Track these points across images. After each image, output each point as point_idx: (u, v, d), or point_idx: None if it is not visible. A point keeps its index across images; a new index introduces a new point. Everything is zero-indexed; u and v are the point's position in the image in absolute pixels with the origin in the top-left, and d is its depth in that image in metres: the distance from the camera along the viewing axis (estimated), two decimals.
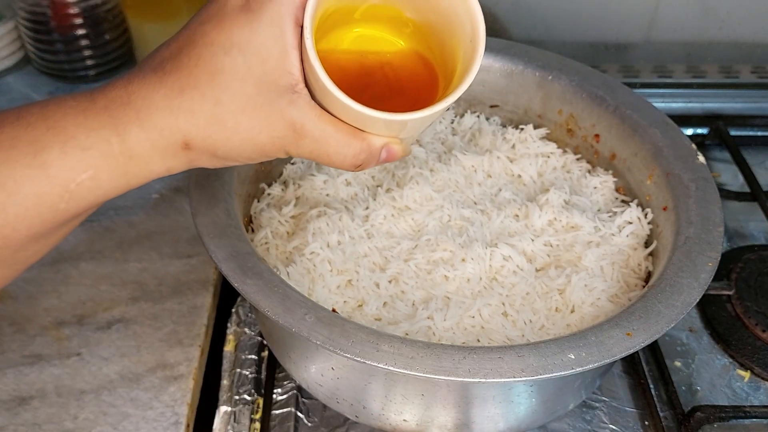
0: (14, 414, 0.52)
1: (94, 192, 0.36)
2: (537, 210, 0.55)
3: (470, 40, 0.38)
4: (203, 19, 0.36)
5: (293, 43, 0.35)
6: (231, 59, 0.35)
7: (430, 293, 0.50)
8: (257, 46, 0.35)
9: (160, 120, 0.35)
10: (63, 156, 0.34)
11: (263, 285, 0.43)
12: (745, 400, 0.57)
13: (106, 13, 0.81)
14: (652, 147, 0.56)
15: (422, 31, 0.41)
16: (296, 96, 0.36)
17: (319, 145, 0.37)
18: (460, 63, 0.39)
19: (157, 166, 0.37)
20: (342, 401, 0.49)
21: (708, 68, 0.88)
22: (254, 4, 0.35)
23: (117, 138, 0.35)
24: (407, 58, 0.42)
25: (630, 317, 0.43)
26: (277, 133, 0.36)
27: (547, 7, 0.83)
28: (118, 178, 0.36)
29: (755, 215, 0.71)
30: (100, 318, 0.59)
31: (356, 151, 0.38)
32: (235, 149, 0.37)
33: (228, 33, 0.35)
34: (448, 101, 0.36)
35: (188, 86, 0.35)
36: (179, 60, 0.35)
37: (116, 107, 0.35)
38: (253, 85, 0.35)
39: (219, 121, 0.36)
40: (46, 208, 0.35)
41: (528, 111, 0.65)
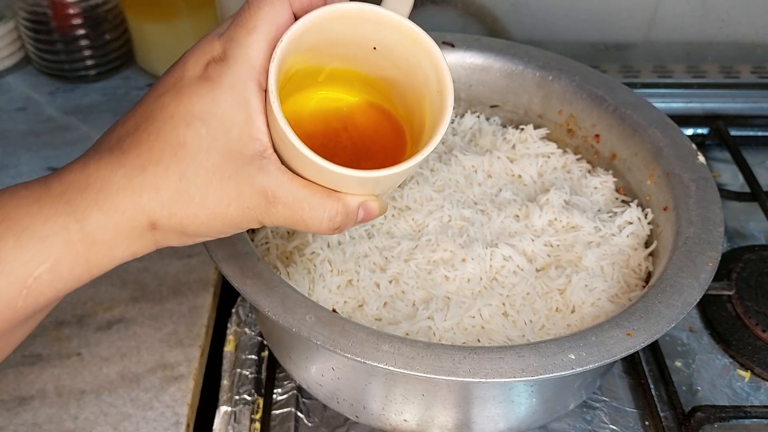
0: (14, 414, 0.52)
1: (54, 285, 0.34)
2: (537, 210, 0.55)
3: (437, 91, 0.37)
4: (160, 92, 0.34)
5: (258, 107, 0.34)
6: (193, 131, 0.33)
7: (430, 293, 0.50)
8: (220, 115, 0.33)
9: (122, 201, 0.33)
10: (18, 249, 0.32)
11: (263, 285, 0.43)
12: (745, 400, 0.57)
13: (107, 13, 0.81)
14: (653, 147, 0.56)
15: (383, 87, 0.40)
16: (265, 162, 0.34)
17: (294, 211, 0.35)
18: (428, 115, 0.38)
19: (120, 251, 0.35)
20: (342, 401, 0.49)
21: (708, 68, 0.88)
22: (213, 72, 0.34)
23: (76, 224, 0.33)
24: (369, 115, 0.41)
25: (630, 317, 0.43)
26: (247, 203, 0.34)
27: (547, 7, 0.83)
28: (79, 268, 0.34)
29: (755, 215, 0.71)
30: (100, 318, 0.59)
31: (332, 214, 0.36)
32: (205, 225, 0.35)
33: (188, 104, 0.33)
34: (423, 154, 0.35)
35: (150, 162, 0.33)
36: (137, 136, 0.33)
37: (73, 192, 0.33)
38: (219, 155, 0.33)
39: (185, 197, 0.33)
40: (3, 307, 0.33)
41: (528, 111, 0.65)
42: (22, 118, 0.79)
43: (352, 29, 0.36)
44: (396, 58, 0.38)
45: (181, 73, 0.34)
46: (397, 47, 0.37)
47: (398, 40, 0.37)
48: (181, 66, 0.35)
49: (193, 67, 0.34)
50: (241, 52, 0.34)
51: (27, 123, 0.79)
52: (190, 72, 0.34)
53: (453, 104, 0.36)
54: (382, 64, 0.38)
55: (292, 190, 0.35)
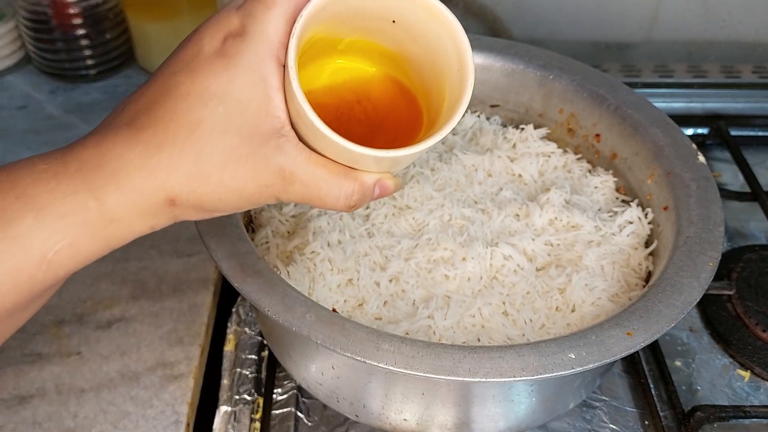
0: (14, 412, 0.52)
1: (74, 259, 0.34)
2: (537, 209, 0.55)
3: (457, 69, 0.36)
4: (175, 68, 0.34)
5: (276, 85, 0.33)
6: (210, 110, 0.33)
7: (430, 292, 0.50)
8: (237, 94, 0.33)
9: (139, 180, 0.33)
10: (38, 225, 0.32)
11: (263, 284, 0.43)
12: (745, 400, 0.57)
13: (107, 12, 0.81)
14: (653, 146, 0.56)
15: (399, 61, 0.40)
16: (283, 140, 0.34)
17: (310, 190, 0.35)
18: (447, 93, 0.37)
19: (139, 226, 0.34)
20: (342, 400, 0.49)
21: (709, 68, 0.88)
22: (230, 48, 0.33)
23: (95, 202, 0.33)
24: (385, 88, 0.40)
25: (630, 317, 0.43)
26: (264, 182, 0.34)
27: (549, 6, 0.83)
28: (98, 243, 0.34)
29: (756, 215, 0.71)
30: (100, 316, 0.59)
31: (349, 192, 0.35)
32: (222, 201, 0.34)
33: (204, 82, 0.33)
34: (441, 134, 0.35)
35: (166, 142, 0.33)
36: (153, 114, 0.33)
37: (90, 169, 0.33)
38: (236, 134, 0.33)
39: (202, 176, 0.33)
40: (23, 281, 0.33)
41: (529, 110, 0.65)
42: (22, 116, 0.79)
43: (372, 2, 0.36)
44: (415, 32, 0.37)
45: (197, 48, 0.34)
46: (417, 22, 0.36)
47: (418, 15, 0.36)
48: (197, 40, 0.34)
49: (210, 41, 0.34)
50: (260, 28, 0.33)
51: (27, 121, 0.79)
52: (207, 47, 0.34)
53: (473, 84, 0.36)
54: (401, 37, 0.38)
55: (309, 169, 0.34)
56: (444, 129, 0.35)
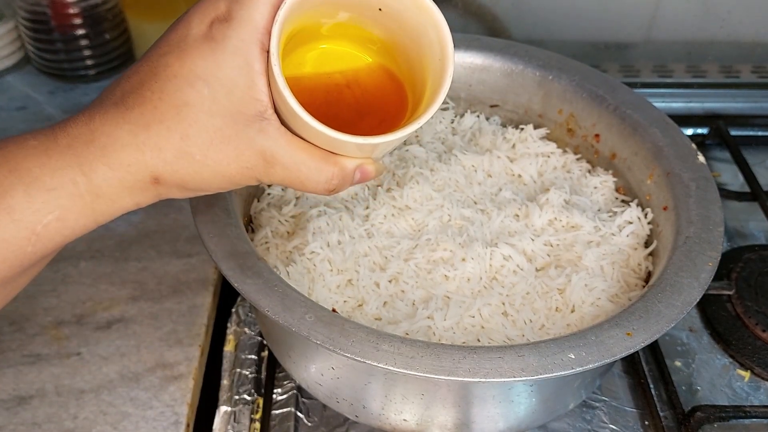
0: (14, 413, 0.52)
1: (61, 233, 0.35)
2: (537, 210, 0.55)
3: (439, 59, 0.37)
4: (164, 50, 0.35)
5: (260, 69, 0.34)
6: (196, 92, 0.34)
7: (430, 293, 0.50)
8: (222, 77, 0.34)
9: (126, 157, 0.34)
10: (28, 198, 0.33)
11: (263, 284, 0.43)
12: (745, 400, 0.57)
13: (106, 13, 0.81)
14: (653, 147, 0.56)
15: (389, 47, 0.40)
16: (265, 123, 0.35)
17: (291, 173, 0.36)
18: (429, 81, 0.38)
19: (125, 202, 0.36)
20: (342, 401, 0.49)
21: (708, 68, 0.88)
22: (217, 33, 0.34)
23: (83, 177, 0.34)
24: (373, 73, 0.41)
25: (630, 317, 0.43)
26: (246, 163, 0.36)
27: (548, 6, 0.83)
28: (85, 217, 0.35)
29: (755, 215, 0.71)
30: (99, 317, 0.59)
31: (329, 176, 0.37)
32: (205, 181, 0.36)
33: (191, 64, 0.34)
34: (420, 122, 0.36)
35: (153, 121, 0.34)
36: (142, 94, 0.34)
37: (80, 145, 0.34)
38: (221, 116, 0.34)
39: (187, 156, 0.35)
40: (13, 253, 0.34)
41: (528, 110, 0.65)
42: (21, 117, 0.79)
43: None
44: (401, 20, 0.38)
45: (185, 31, 0.35)
46: (402, 11, 0.37)
47: (403, 4, 0.37)
48: (186, 23, 0.35)
49: (198, 25, 0.35)
50: (246, 14, 0.34)
51: (27, 122, 0.79)
52: (194, 30, 0.35)
53: (452, 73, 0.36)
54: (388, 24, 0.39)
55: (291, 153, 0.36)
56: (422, 117, 0.36)
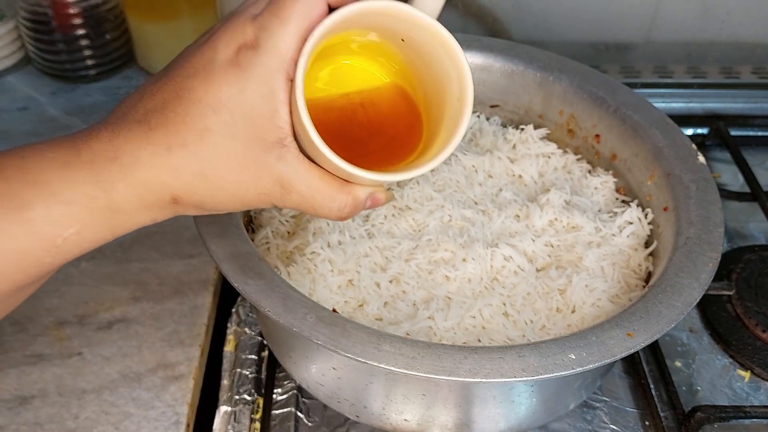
0: (16, 413, 0.52)
1: (80, 245, 0.36)
2: (538, 210, 0.55)
3: (458, 98, 0.38)
4: (190, 72, 0.35)
5: (283, 98, 0.35)
6: (219, 118, 0.34)
7: (431, 293, 0.50)
8: (246, 105, 0.35)
9: (147, 177, 0.35)
10: (48, 211, 0.34)
11: (264, 285, 0.43)
12: (745, 400, 0.57)
13: (107, 13, 0.81)
14: (653, 147, 0.56)
15: (407, 72, 0.41)
16: (284, 150, 0.36)
17: (306, 200, 0.37)
18: (446, 117, 0.38)
19: (142, 218, 0.37)
20: (343, 401, 0.49)
21: (708, 68, 0.88)
22: (243, 60, 0.34)
23: (103, 194, 0.35)
24: (388, 93, 0.41)
25: (630, 317, 0.43)
26: (264, 189, 0.36)
27: (548, 7, 0.83)
28: (103, 231, 0.36)
29: (756, 215, 0.71)
30: (101, 317, 0.59)
31: (341, 205, 0.38)
32: (222, 203, 0.37)
33: (216, 90, 0.34)
34: (436, 161, 0.37)
35: (176, 144, 0.34)
36: (165, 115, 0.35)
37: (102, 162, 0.34)
38: (241, 142, 0.35)
39: (206, 179, 0.35)
40: (31, 263, 0.35)
41: (529, 111, 0.65)
42: (23, 118, 0.79)
43: (382, 23, 0.37)
44: (423, 54, 0.38)
45: (211, 55, 0.35)
46: (425, 46, 0.38)
47: (427, 41, 0.37)
48: (212, 47, 0.35)
49: (224, 50, 0.35)
50: (273, 43, 0.34)
51: (29, 123, 0.79)
52: (220, 55, 0.35)
53: (470, 116, 0.37)
54: (409, 54, 0.39)
55: (307, 181, 0.36)
56: (438, 157, 0.37)
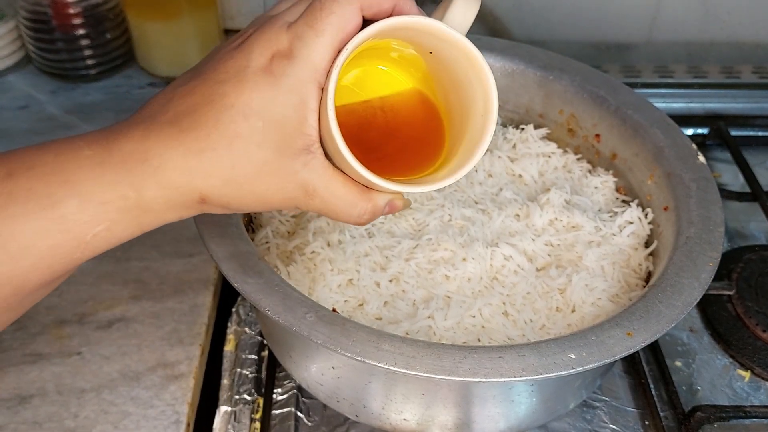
0: (15, 412, 0.52)
1: (109, 241, 0.37)
2: (538, 210, 0.55)
3: (481, 114, 0.38)
4: (222, 77, 0.36)
5: (314, 107, 0.36)
6: (249, 125, 0.35)
7: (430, 292, 0.50)
8: (276, 113, 0.35)
9: (177, 179, 0.36)
10: (80, 210, 0.35)
11: (263, 284, 0.43)
12: (745, 400, 0.57)
13: (107, 12, 0.81)
14: (653, 147, 0.56)
15: (433, 83, 0.41)
16: (311, 157, 0.36)
17: (328, 205, 0.38)
18: (468, 131, 0.39)
19: (169, 216, 0.38)
20: (342, 400, 0.49)
21: (709, 68, 0.88)
22: (277, 68, 0.35)
23: (134, 193, 0.35)
24: (409, 98, 0.42)
25: (630, 317, 0.43)
26: (289, 194, 0.37)
27: (549, 6, 0.83)
28: (131, 228, 0.37)
29: (756, 215, 0.71)
30: (101, 317, 0.59)
31: (362, 212, 0.39)
32: (248, 205, 0.38)
33: (248, 98, 0.35)
34: (455, 177, 0.38)
35: (207, 148, 0.35)
36: (196, 119, 0.35)
37: (133, 162, 0.35)
38: (270, 150, 0.36)
39: (235, 184, 0.36)
40: (60, 259, 0.35)
41: (529, 111, 0.65)
42: (23, 117, 0.79)
43: (413, 36, 0.38)
44: (450, 69, 0.39)
45: (245, 62, 0.36)
46: (453, 62, 0.38)
47: (455, 56, 0.38)
48: (246, 53, 0.36)
49: (258, 57, 0.36)
50: (306, 53, 0.35)
51: (28, 122, 0.79)
52: (254, 62, 0.35)
53: (493, 132, 0.38)
54: (435, 66, 0.40)
55: (331, 188, 0.37)
56: (460, 171, 0.38)
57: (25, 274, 0.35)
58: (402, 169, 0.41)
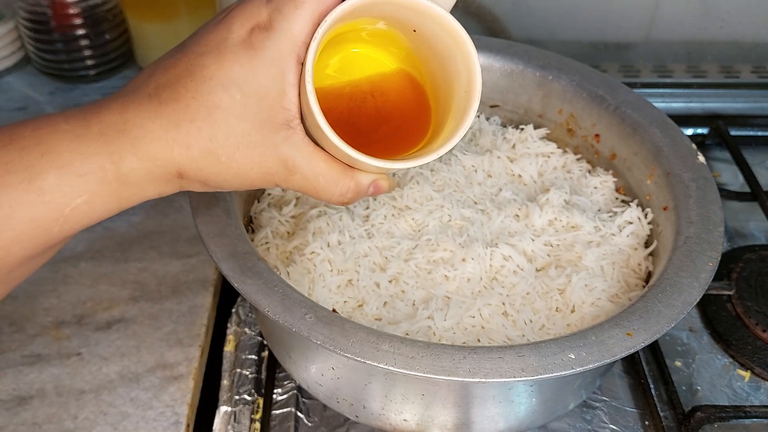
0: (14, 414, 0.52)
1: (88, 215, 0.36)
2: (537, 210, 0.55)
3: (465, 90, 0.38)
4: (203, 50, 0.36)
5: (293, 81, 0.36)
6: (229, 96, 0.35)
7: (430, 293, 0.50)
8: (256, 85, 0.35)
9: (155, 151, 0.35)
10: (59, 182, 0.34)
11: (263, 285, 0.43)
12: (745, 400, 0.57)
13: (106, 13, 0.81)
14: (653, 147, 0.56)
15: (415, 60, 0.41)
16: (291, 132, 0.36)
17: (309, 182, 0.38)
18: (453, 108, 0.39)
19: (148, 191, 0.37)
20: (342, 401, 0.49)
21: (708, 68, 0.88)
22: (256, 41, 0.35)
23: (112, 165, 0.35)
24: (397, 80, 0.42)
25: (630, 317, 0.43)
26: (268, 169, 0.37)
27: (547, 6, 0.83)
28: (111, 203, 0.36)
29: (755, 215, 0.71)
30: (99, 318, 0.59)
31: (344, 190, 0.39)
32: (226, 181, 0.37)
33: (228, 69, 0.35)
34: (438, 153, 0.37)
35: (185, 119, 0.35)
36: (176, 90, 0.35)
37: (112, 133, 0.35)
38: (249, 122, 0.36)
39: (213, 156, 0.36)
40: (41, 232, 0.35)
41: (528, 111, 0.65)
42: (22, 117, 0.79)
43: (395, 12, 0.37)
44: (433, 46, 0.39)
45: (225, 34, 0.36)
46: (436, 38, 0.38)
47: (438, 33, 0.37)
48: (227, 26, 0.36)
49: (238, 30, 0.36)
50: (286, 26, 0.35)
51: None
52: (234, 34, 0.36)
53: (477, 109, 0.38)
54: (419, 44, 0.40)
55: (312, 163, 0.37)
56: (440, 150, 0.38)
57: (6, 247, 0.35)
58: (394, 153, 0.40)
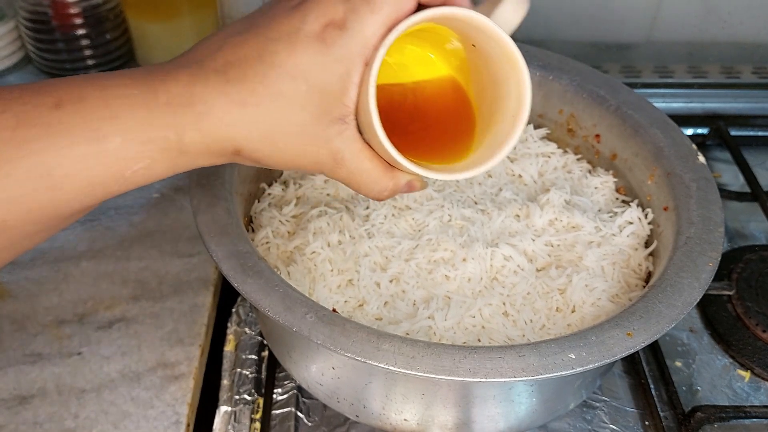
0: (15, 413, 0.52)
1: (145, 178, 0.37)
2: (538, 210, 0.55)
3: (512, 114, 0.39)
4: (274, 35, 0.37)
5: (356, 81, 0.37)
6: (295, 86, 0.36)
7: (430, 293, 0.50)
8: (322, 80, 0.36)
9: (218, 129, 0.36)
10: (123, 147, 0.35)
11: (263, 284, 0.43)
12: (745, 400, 0.57)
13: (107, 13, 0.81)
14: (653, 147, 0.56)
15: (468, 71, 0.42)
16: (345, 127, 0.37)
17: (353, 176, 0.39)
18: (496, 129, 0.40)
19: (203, 161, 0.38)
20: (342, 401, 0.49)
21: (709, 68, 0.88)
22: (329, 37, 0.36)
23: (175, 137, 0.36)
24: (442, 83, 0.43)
25: (631, 317, 0.43)
26: (318, 159, 0.38)
27: (549, 6, 0.83)
28: (167, 168, 0.38)
29: (756, 215, 0.71)
30: (100, 317, 0.59)
31: (383, 188, 0.40)
32: (277, 164, 0.39)
33: (297, 60, 0.36)
34: (478, 170, 0.39)
35: (250, 102, 0.36)
36: (244, 72, 0.36)
37: (178, 106, 0.36)
38: (309, 113, 0.37)
39: (271, 141, 0.37)
40: (101, 190, 0.36)
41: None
42: None
43: (460, 27, 0.39)
44: (489, 65, 0.40)
45: (298, 24, 0.36)
46: (494, 58, 0.39)
47: (496, 54, 0.39)
48: (301, 16, 0.37)
49: (313, 22, 0.36)
50: (359, 28, 0.36)
51: None
52: (308, 26, 0.36)
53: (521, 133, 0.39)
54: (476, 60, 0.41)
55: (358, 160, 0.39)
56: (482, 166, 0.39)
57: (67, 201, 0.36)
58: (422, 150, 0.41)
